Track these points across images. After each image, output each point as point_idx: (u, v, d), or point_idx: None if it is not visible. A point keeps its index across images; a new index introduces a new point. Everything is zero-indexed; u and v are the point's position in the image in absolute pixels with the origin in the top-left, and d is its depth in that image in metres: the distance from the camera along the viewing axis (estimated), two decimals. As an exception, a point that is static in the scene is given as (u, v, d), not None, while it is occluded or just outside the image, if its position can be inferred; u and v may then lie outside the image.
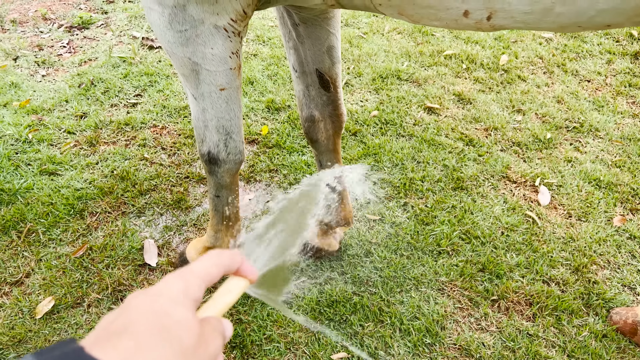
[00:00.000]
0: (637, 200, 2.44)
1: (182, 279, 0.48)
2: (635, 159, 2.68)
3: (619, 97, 3.17)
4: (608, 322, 1.91)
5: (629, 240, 2.24)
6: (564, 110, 3.01)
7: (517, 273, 2.05)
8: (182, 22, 1.20)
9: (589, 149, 2.75)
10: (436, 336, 1.81)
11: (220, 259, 0.54)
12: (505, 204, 2.37)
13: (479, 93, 3.12)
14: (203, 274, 0.51)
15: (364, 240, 2.15)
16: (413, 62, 3.36)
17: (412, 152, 2.63)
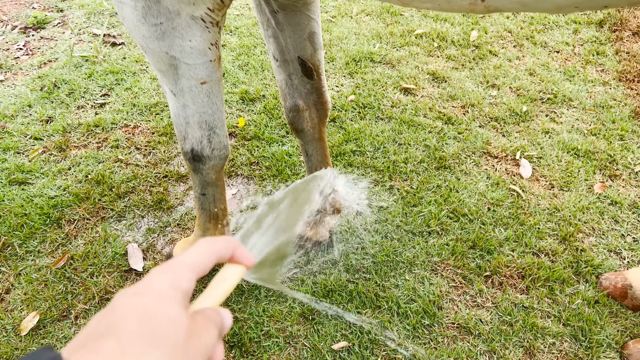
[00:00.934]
0: (614, 166, 2.49)
1: (169, 271, 0.46)
2: (609, 125, 2.73)
3: (588, 65, 3.22)
4: (598, 288, 1.94)
5: (611, 206, 2.28)
6: (537, 82, 3.03)
7: (507, 247, 2.07)
8: (156, 14, 1.13)
9: (565, 119, 2.78)
10: (434, 317, 1.81)
11: (212, 247, 0.51)
12: (489, 180, 2.38)
13: (453, 70, 3.11)
14: (193, 264, 0.48)
15: (354, 227, 2.12)
16: (384, 44, 3.33)
17: (393, 134, 2.61)
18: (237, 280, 0.54)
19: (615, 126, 2.72)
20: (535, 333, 1.77)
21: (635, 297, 1.85)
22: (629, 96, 2.96)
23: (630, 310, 1.88)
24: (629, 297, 1.87)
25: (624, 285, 1.88)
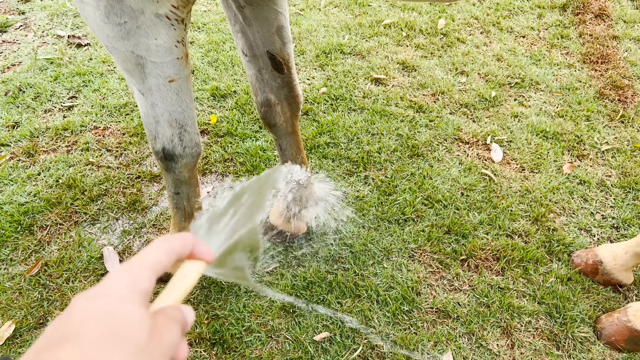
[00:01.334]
0: (582, 146, 2.55)
1: (127, 272, 0.45)
2: (575, 107, 2.79)
3: (554, 49, 3.29)
4: (571, 265, 2.00)
5: (580, 185, 2.34)
6: (504, 68, 3.09)
7: (481, 231, 2.11)
8: (120, 13, 1.12)
9: (533, 102, 2.84)
10: (413, 302, 1.84)
11: (168, 244, 0.51)
12: (461, 165, 2.42)
13: (422, 59, 3.14)
14: (151, 263, 0.48)
15: (331, 218, 2.13)
16: (354, 35, 3.34)
17: (366, 125, 2.62)
18: (197, 277, 0.54)
19: (581, 107, 2.79)
20: (511, 313, 1.82)
21: (605, 273, 1.91)
22: (593, 77, 3.03)
23: (601, 285, 1.94)
24: (599, 272, 1.93)
25: (595, 262, 1.94)
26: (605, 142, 2.57)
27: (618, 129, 2.66)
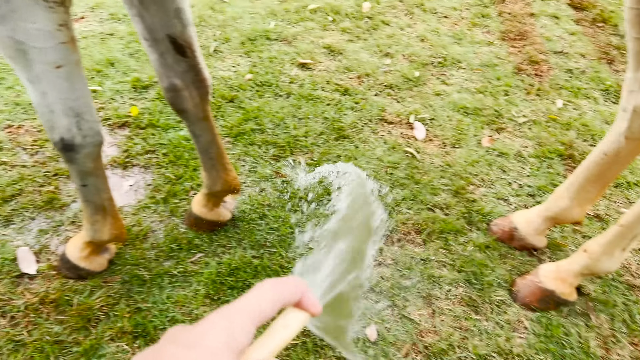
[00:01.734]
0: (500, 120, 2.65)
1: (226, 322, 0.41)
2: (494, 82, 2.90)
3: (475, 28, 3.39)
4: (489, 234, 2.08)
5: (498, 157, 2.44)
6: (427, 48, 3.16)
7: (404, 206, 2.16)
8: (-9, -3, 1.07)
9: (454, 80, 2.92)
10: (338, 280, 1.87)
11: (277, 293, 0.45)
12: (386, 145, 2.47)
13: (348, 43, 3.17)
14: (254, 313, 0.43)
15: (257, 204, 2.13)
16: (280, 21, 3.33)
17: (292, 110, 2.63)
18: (299, 329, 0.48)
19: (500, 83, 2.89)
20: (432, 282, 1.88)
21: (520, 238, 2.01)
22: (512, 54, 3.15)
23: (517, 250, 2.03)
24: (515, 238, 2.02)
25: (511, 229, 2.03)
26: (522, 115, 2.69)
27: (534, 102, 2.77)
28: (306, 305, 0.48)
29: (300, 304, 0.48)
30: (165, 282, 1.85)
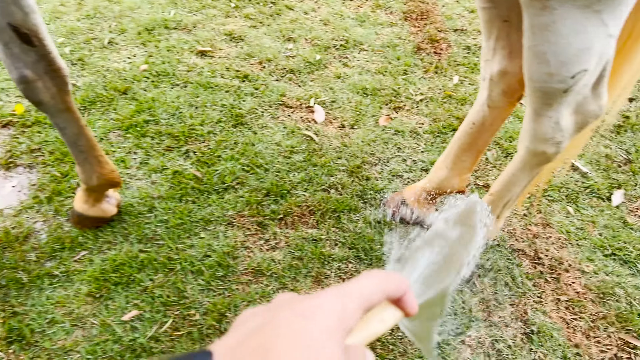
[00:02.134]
0: (398, 99, 2.69)
1: (340, 301, 0.41)
2: (394, 63, 2.94)
3: (378, 9, 3.42)
4: (382, 209, 2.12)
5: (395, 135, 2.48)
6: (330, 31, 3.16)
7: (299, 189, 2.16)
8: None
9: (356, 62, 2.94)
10: (228, 267, 1.85)
11: (385, 284, 0.46)
12: (285, 129, 2.46)
13: (251, 29, 3.13)
14: (364, 299, 0.43)
15: (146, 197, 2.08)
16: (180, 9, 3.24)
17: (189, 99, 2.57)
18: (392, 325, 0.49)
19: (399, 62, 2.94)
20: (322, 261, 1.89)
21: None
22: (413, 34, 3.20)
23: (409, 225, 2.08)
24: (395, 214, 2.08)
25: (401, 201, 2.08)
26: (419, 93, 2.74)
27: (432, 80, 2.84)
28: (405, 304, 0.49)
29: (400, 302, 0.49)
30: (45, 283, 1.77)
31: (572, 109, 1.32)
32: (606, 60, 1.19)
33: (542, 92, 1.22)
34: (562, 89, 1.19)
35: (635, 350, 1.69)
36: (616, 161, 2.42)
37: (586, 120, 1.36)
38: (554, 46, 1.08)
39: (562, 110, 1.30)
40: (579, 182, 2.30)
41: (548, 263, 1.96)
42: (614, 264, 1.97)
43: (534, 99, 1.28)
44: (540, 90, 1.22)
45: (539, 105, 1.29)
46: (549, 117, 1.32)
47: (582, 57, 1.09)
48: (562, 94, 1.21)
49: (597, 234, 2.08)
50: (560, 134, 1.37)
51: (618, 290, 1.88)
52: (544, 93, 1.22)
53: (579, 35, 1.05)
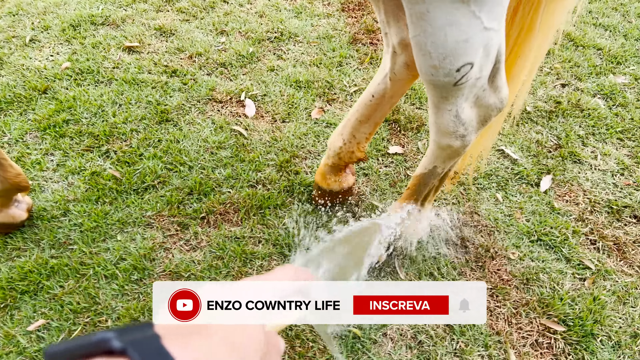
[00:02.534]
0: (332, 91, 2.65)
1: None
2: (330, 54, 2.89)
3: (316, 1, 3.37)
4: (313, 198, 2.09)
5: (327, 128, 2.43)
6: (265, 23, 3.09)
7: (225, 186, 2.09)
8: None
9: (290, 54, 2.89)
10: (144, 270, 1.78)
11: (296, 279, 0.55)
12: (213, 125, 2.38)
13: (182, 23, 3.04)
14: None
15: (61, 200, 1.98)
16: (109, 4, 3.12)
17: (113, 96, 2.47)
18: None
19: (335, 54, 2.89)
20: (244, 260, 1.83)
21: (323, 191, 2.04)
22: (349, 24, 3.16)
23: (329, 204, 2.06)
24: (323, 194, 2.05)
25: (316, 187, 2.05)
26: (354, 84, 2.70)
27: (366, 71, 2.80)
28: None
29: None
30: (-55, 296, 1.66)
31: (471, 102, 1.29)
32: (496, 52, 1.15)
33: (434, 85, 1.18)
34: (450, 82, 1.15)
35: (556, 335, 1.70)
36: (546, 147, 2.43)
37: (488, 113, 1.34)
38: (432, 37, 1.03)
39: (461, 103, 1.26)
40: (508, 168, 2.30)
41: (474, 251, 1.95)
42: (539, 250, 1.98)
43: (430, 91, 1.24)
44: (432, 84, 1.18)
45: (436, 99, 1.26)
46: (449, 111, 1.29)
47: (462, 49, 1.05)
48: (454, 88, 1.17)
49: (525, 220, 2.08)
50: (463, 128, 1.34)
51: (542, 276, 1.88)
52: (436, 86, 1.19)
53: (453, 27, 1.01)
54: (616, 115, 2.63)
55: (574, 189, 2.24)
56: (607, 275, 1.91)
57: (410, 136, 2.41)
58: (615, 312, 1.80)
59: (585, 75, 2.89)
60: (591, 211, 2.15)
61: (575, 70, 2.93)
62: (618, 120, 2.60)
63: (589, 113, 2.62)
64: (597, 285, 1.87)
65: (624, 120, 2.60)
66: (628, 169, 2.34)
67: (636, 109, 2.68)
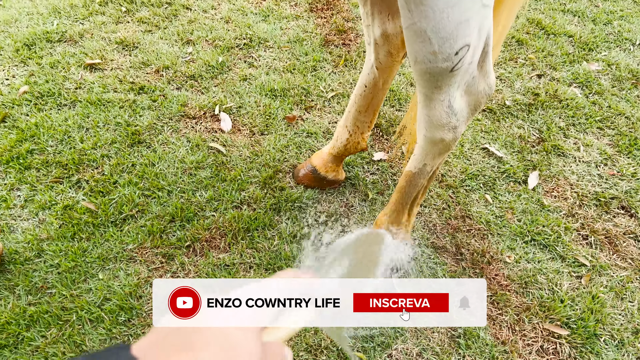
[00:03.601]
0: (309, 98, 2.57)
1: None
2: (303, 59, 2.80)
3: (282, 2, 3.26)
4: (295, 181, 2.07)
5: (307, 138, 2.35)
6: (232, 30, 2.98)
7: (208, 210, 2.00)
8: None
9: (262, 61, 2.78)
10: (132, 310, 1.67)
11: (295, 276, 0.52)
12: (189, 143, 2.27)
13: (145, 34, 2.89)
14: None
15: (33, 239, 1.84)
16: (65, 19, 2.94)
17: (79, 120, 2.32)
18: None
19: (308, 58, 2.81)
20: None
21: (321, 178, 2.07)
22: (319, 25, 3.07)
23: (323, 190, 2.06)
24: (316, 179, 2.08)
25: (310, 170, 2.04)
26: (330, 89, 2.62)
27: (342, 74, 2.73)
28: None
29: None
30: None
31: (462, 90, 1.31)
32: (486, 34, 1.17)
33: (430, 74, 1.18)
34: (448, 68, 1.15)
35: (560, 339, 1.68)
36: (529, 141, 2.42)
37: (478, 100, 1.35)
38: (433, 22, 1.03)
39: (453, 92, 1.27)
40: (494, 167, 2.28)
41: (470, 258, 1.91)
42: (534, 250, 1.96)
43: (423, 82, 1.24)
44: (428, 73, 1.18)
45: (429, 90, 1.26)
46: (441, 101, 1.29)
47: (462, 30, 1.06)
48: (449, 74, 1.18)
49: (516, 220, 2.06)
50: (455, 118, 1.34)
51: (540, 278, 1.86)
52: (432, 75, 1.18)
53: (455, 8, 1.01)
54: (594, 104, 2.64)
55: (561, 184, 2.23)
56: (602, 271, 1.91)
57: (393, 141, 2.35)
58: (615, 309, 1.79)
59: (559, 64, 2.89)
60: (580, 205, 2.15)
61: (550, 59, 2.92)
62: (596, 109, 2.61)
63: (567, 103, 2.62)
64: (594, 283, 1.86)
65: (601, 109, 2.61)
66: (611, 159, 2.35)
67: (612, 96, 2.69)
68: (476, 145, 2.38)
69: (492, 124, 2.50)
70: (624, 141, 2.42)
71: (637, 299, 1.83)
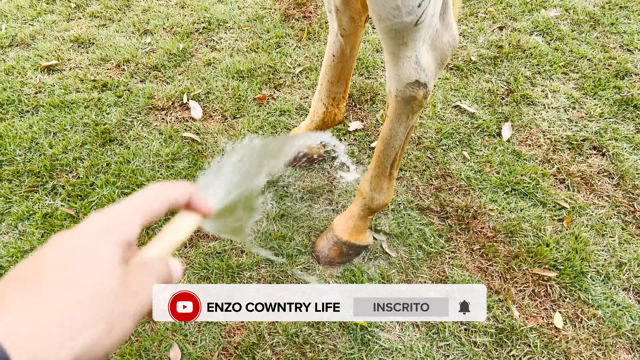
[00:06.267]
0: (277, 76, 2.54)
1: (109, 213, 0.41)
2: (265, 37, 2.76)
3: (237, -19, 3.19)
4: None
5: (281, 116, 2.33)
6: (189, 14, 2.90)
7: (191, 200, 1.98)
8: None
9: (224, 43, 2.73)
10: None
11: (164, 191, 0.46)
12: (162, 136, 2.23)
13: (100, 29, 2.79)
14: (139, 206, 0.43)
15: (15, 252, 1.80)
16: (12, 22, 2.82)
17: (44, 125, 2.25)
18: (191, 230, 0.50)
19: (270, 35, 2.76)
20: (232, 275, 1.75)
21: (309, 158, 2.12)
22: (277, 0, 3.02)
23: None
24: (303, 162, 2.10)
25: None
26: (297, 65, 2.60)
27: (307, 47, 2.70)
28: (197, 207, 0.50)
29: (191, 206, 0.49)
30: None
31: (428, 44, 1.32)
32: None
33: (395, 30, 1.19)
34: (412, 22, 1.16)
35: (550, 282, 1.74)
36: (499, 94, 2.45)
37: (444, 53, 1.37)
38: None
39: (419, 47, 1.28)
40: (468, 124, 2.31)
41: (455, 214, 1.95)
42: (515, 199, 2.01)
43: (389, 40, 1.25)
44: (393, 29, 1.19)
45: (395, 47, 1.27)
46: (409, 58, 1.30)
47: None
48: (414, 28, 1.19)
49: (495, 172, 2.11)
50: (424, 74, 1.35)
51: (524, 225, 1.92)
52: (397, 31, 1.19)
53: None
54: (556, 50, 2.68)
55: (534, 132, 2.28)
56: (582, 211, 1.98)
57: (367, 109, 2.36)
58: (597, 245, 1.87)
59: (518, 14, 2.92)
60: (554, 151, 2.20)
61: (509, 10, 2.94)
62: (559, 54, 2.66)
63: (530, 52, 2.66)
64: (576, 223, 1.93)
65: (564, 54, 2.65)
66: (578, 102, 2.41)
67: (573, 40, 2.74)
68: (448, 104, 2.40)
69: (461, 80, 2.52)
70: (588, 83, 2.48)
71: (617, 234, 1.90)
